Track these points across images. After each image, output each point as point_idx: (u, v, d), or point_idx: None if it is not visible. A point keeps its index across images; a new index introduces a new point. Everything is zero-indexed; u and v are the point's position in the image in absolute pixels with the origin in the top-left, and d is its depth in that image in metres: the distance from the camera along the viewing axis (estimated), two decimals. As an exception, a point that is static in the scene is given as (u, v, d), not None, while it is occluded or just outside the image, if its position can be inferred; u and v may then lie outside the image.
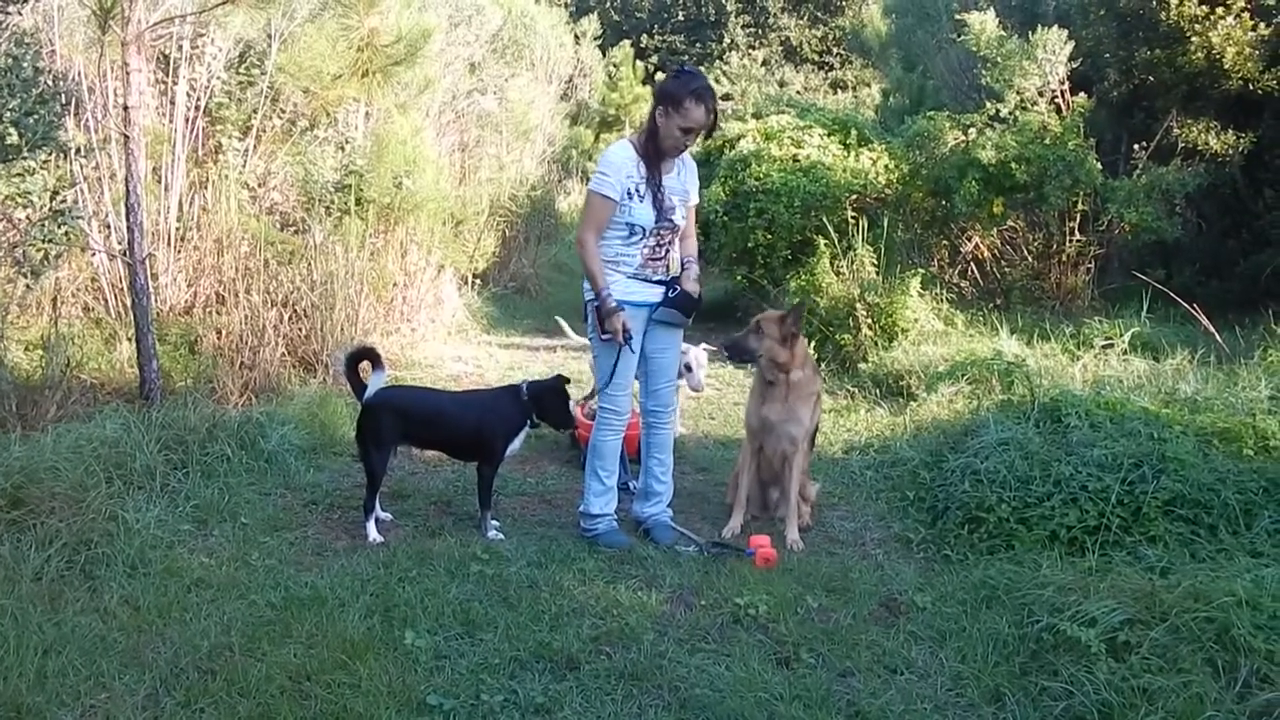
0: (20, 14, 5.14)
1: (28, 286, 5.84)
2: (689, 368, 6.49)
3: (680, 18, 37.80)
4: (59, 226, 5.06)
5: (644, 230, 4.92)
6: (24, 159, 4.68)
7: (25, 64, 4.39)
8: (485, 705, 3.49)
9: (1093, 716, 3.34)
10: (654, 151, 4.90)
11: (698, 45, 37.02)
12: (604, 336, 4.98)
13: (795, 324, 5.33)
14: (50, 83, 4.57)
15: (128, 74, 6.15)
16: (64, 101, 4.83)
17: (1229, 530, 4.60)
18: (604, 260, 4.94)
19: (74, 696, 3.41)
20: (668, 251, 5.14)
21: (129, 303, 6.92)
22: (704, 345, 6.89)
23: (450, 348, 10.59)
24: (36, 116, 4.38)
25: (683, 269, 5.20)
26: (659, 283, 5.08)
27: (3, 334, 6.27)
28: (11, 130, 4.38)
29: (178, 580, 4.38)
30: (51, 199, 5.28)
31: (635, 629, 4.08)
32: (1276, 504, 4.68)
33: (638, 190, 4.87)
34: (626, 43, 30.23)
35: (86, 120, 7.53)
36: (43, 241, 4.94)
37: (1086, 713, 3.36)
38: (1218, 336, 7.19)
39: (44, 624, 3.79)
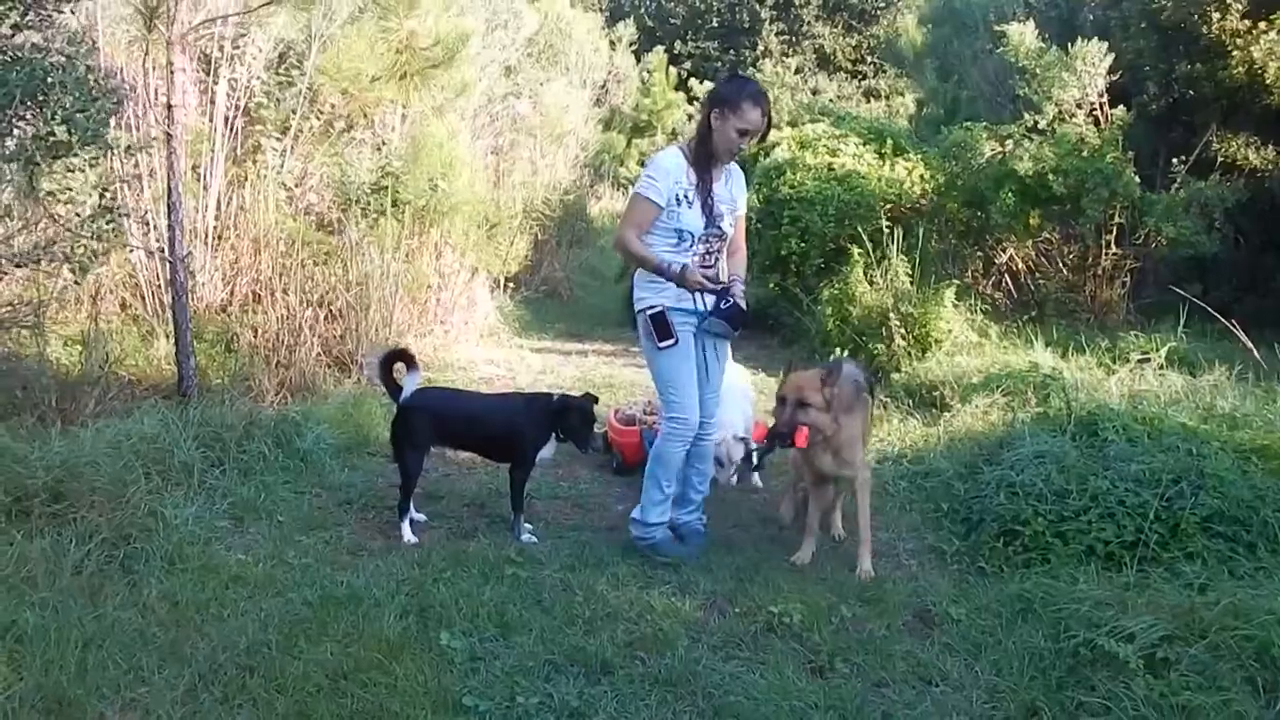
0: (72, 13, 5.20)
1: (76, 282, 5.90)
2: (720, 463, 5.86)
3: (714, 24, 37.81)
4: (108, 223, 5.11)
5: (693, 236, 4.87)
6: (75, 155, 4.73)
7: (78, 62, 4.45)
8: (520, 707, 3.51)
9: (1131, 733, 3.32)
10: (705, 156, 4.88)
11: (731, 52, 37.00)
12: (661, 345, 4.86)
13: (835, 382, 4.99)
14: (100, 81, 4.63)
15: (171, 73, 6.23)
16: (116, 100, 4.87)
17: (1268, 548, 4.56)
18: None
19: (114, 690, 3.44)
20: (717, 260, 5.06)
21: (168, 300, 6.99)
22: (736, 434, 5.96)
23: (482, 350, 10.63)
24: (88, 114, 4.43)
25: (729, 280, 5.10)
26: (710, 292, 4.95)
27: (43, 329, 6.35)
28: (60, 128, 4.45)
29: (215, 577, 4.42)
30: (101, 196, 5.33)
31: (669, 635, 4.09)
32: (1316, 523, 4.64)
33: (686, 196, 4.84)
34: (660, 48, 30.25)
35: (127, 119, 7.60)
36: (92, 238, 4.99)
37: (1124, 729, 3.34)
38: (1255, 352, 7.12)
39: (84, 617, 3.82)
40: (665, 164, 4.86)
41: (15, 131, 4.44)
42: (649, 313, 4.90)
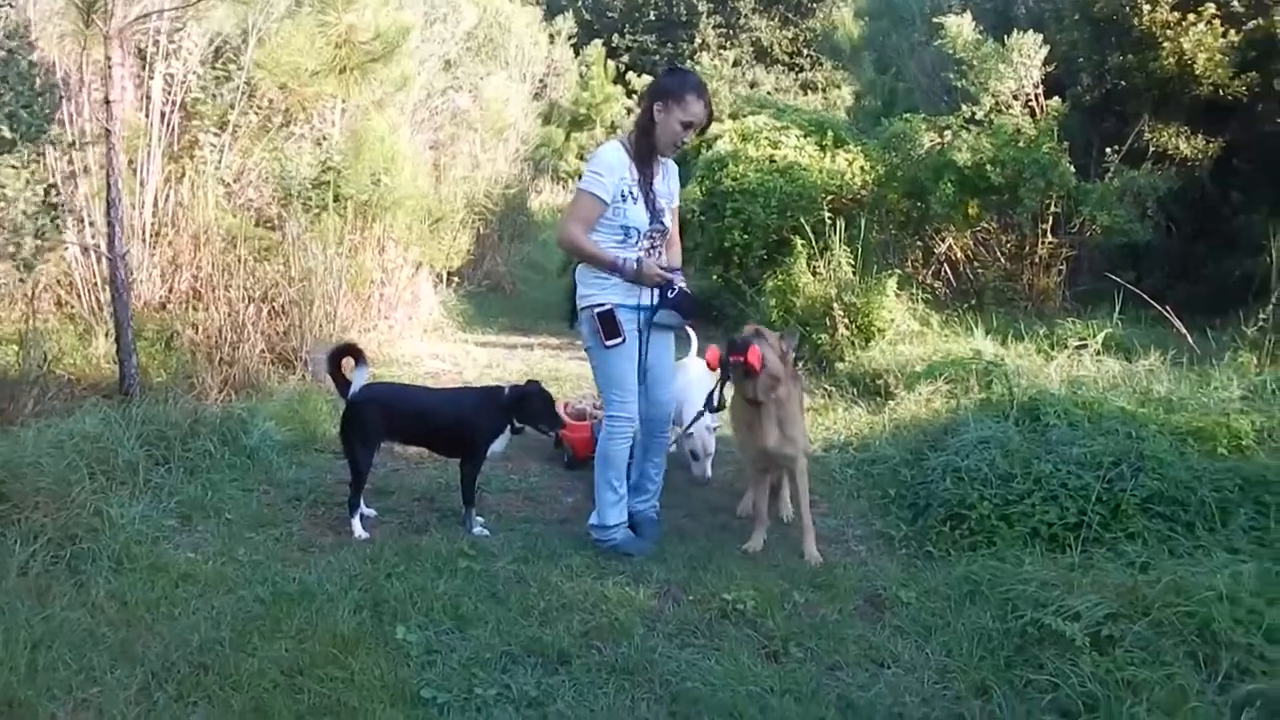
0: (13, 6, 5.10)
1: (21, 279, 5.80)
2: (695, 455, 6.05)
3: (651, 17, 37.93)
4: (51, 220, 5.02)
5: (639, 232, 4.87)
6: (17, 152, 4.64)
7: (19, 57, 4.37)
8: (479, 698, 3.51)
9: (1078, 709, 3.39)
10: (648, 149, 4.88)
11: (669, 45, 37.13)
12: (608, 343, 4.85)
13: (790, 347, 5.13)
14: (42, 76, 4.55)
15: (109, 68, 6.12)
16: (60, 96, 4.79)
17: (1205, 527, 4.66)
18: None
19: (65, 690, 3.40)
20: (660, 254, 5.07)
21: (105, 298, 6.89)
22: (708, 425, 6.00)
23: (427, 345, 10.58)
24: (30, 110, 4.35)
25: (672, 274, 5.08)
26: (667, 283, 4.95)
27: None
28: (3, 124, 4.37)
29: (164, 576, 4.37)
30: (46, 193, 5.23)
31: (625, 624, 4.11)
32: (1251, 501, 4.74)
33: (631, 192, 4.83)
34: (598, 42, 30.24)
35: (61, 115, 7.45)
36: (35, 235, 4.91)
37: (1072, 705, 3.41)
38: (1189, 338, 7.28)
39: (32, 619, 3.77)
40: (609, 159, 4.82)
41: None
42: (597, 310, 4.86)
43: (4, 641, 3.56)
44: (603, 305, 4.86)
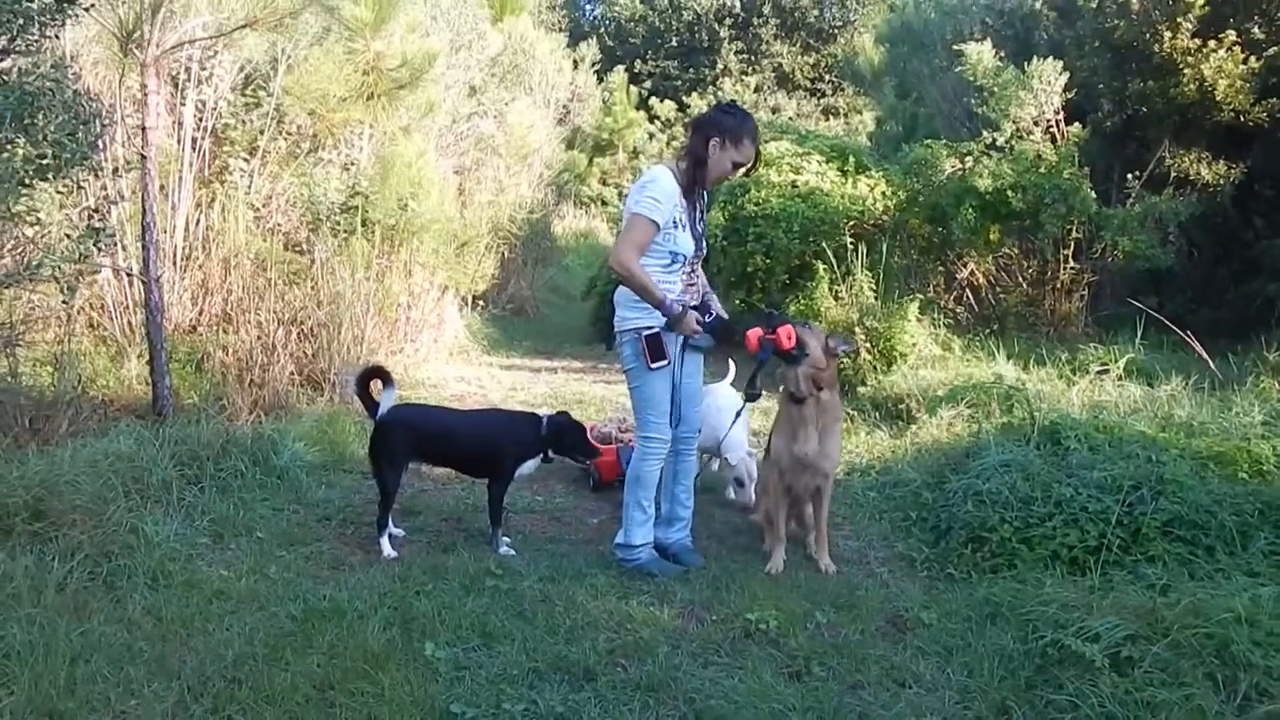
0: (58, 37, 5.25)
1: (65, 302, 5.92)
2: (740, 482, 6.23)
3: (674, 44, 38.14)
4: (95, 244, 5.16)
5: (684, 259, 4.95)
6: (63, 177, 4.79)
7: (65, 86, 4.51)
8: (506, 713, 3.58)
9: (1098, 728, 3.44)
10: (697, 180, 4.95)
11: (691, 71, 37.34)
12: (654, 365, 4.91)
13: (837, 346, 5.28)
14: (86, 104, 4.69)
15: (145, 96, 6.27)
16: (104, 123, 4.93)
17: (1225, 551, 4.69)
18: None
19: (104, 703, 3.47)
20: (699, 278, 5.18)
21: (139, 320, 7.02)
22: (749, 451, 6.30)
23: (453, 368, 10.71)
24: (76, 137, 4.49)
25: (703, 295, 5.21)
26: (693, 308, 4.99)
27: (15, 351, 6.35)
28: (47, 151, 4.50)
29: (198, 592, 4.46)
30: (89, 217, 5.37)
31: (649, 642, 4.17)
32: (1271, 525, 4.78)
33: (680, 220, 4.91)
34: (621, 68, 30.49)
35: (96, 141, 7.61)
36: (79, 259, 5.04)
37: (1092, 725, 3.46)
38: (1210, 363, 7.31)
39: (70, 633, 3.85)
40: (666, 186, 4.85)
41: (4, 154, 4.49)
42: (645, 334, 4.91)
43: (44, 655, 3.64)
44: (650, 328, 4.91)
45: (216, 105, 8.89)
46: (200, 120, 8.76)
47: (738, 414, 5.98)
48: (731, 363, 6.78)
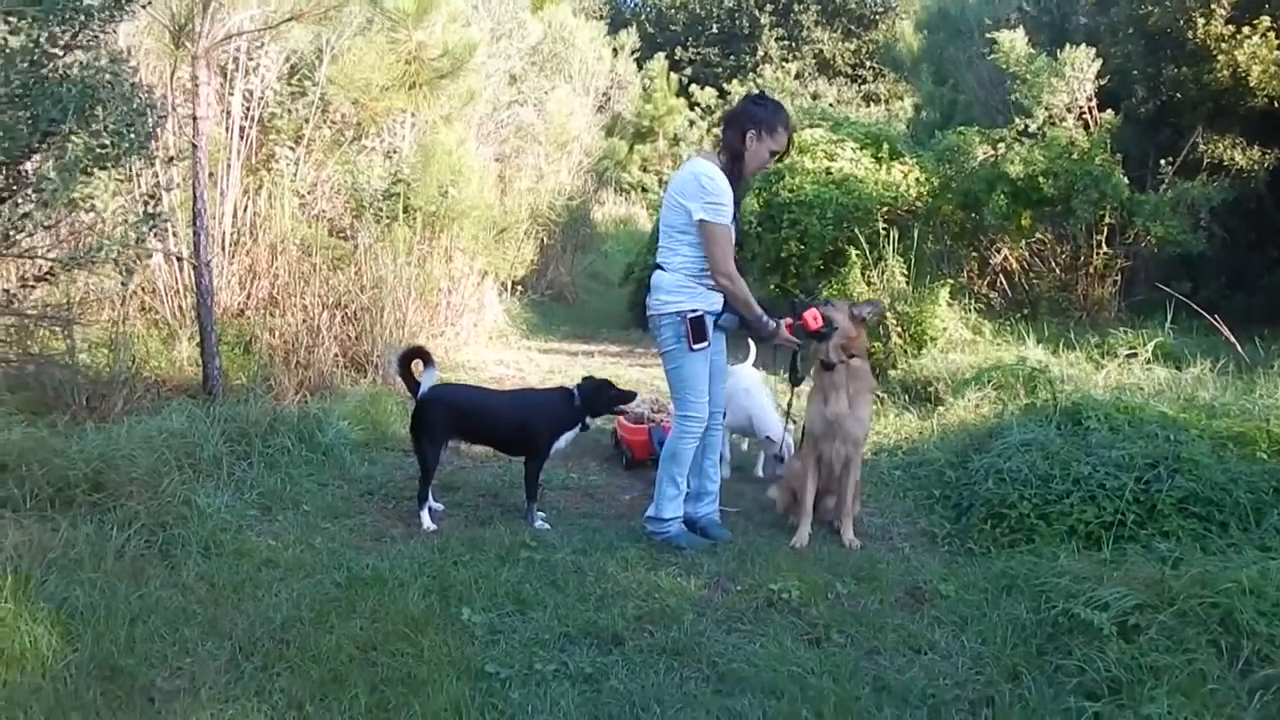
0: (115, 32, 5.49)
1: (123, 284, 6.19)
2: (780, 459, 6.39)
3: (714, 30, 38.10)
4: (150, 229, 5.40)
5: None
6: (120, 165, 5.03)
7: (123, 79, 4.74)
8: (538, 674, 3.77)
9: (1103, 691, 3.57)
10: (737, 173, 5.12)
11: (731, 58, 37.28)
12: (696, 346, 5.07)
13: (863, 312, 5.52)
14: (143, 96, 4.92)
15: (196, 86, 6.51)
16: (161, 115, 5.17)
17: (1239, 527, 4.80)
18: (691, 276, 5.11)
19: (161, 660, 3.71)
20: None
21: (192, 303, 7.27)
22: (786, 428, 6.45)
23: (492, 352, 10.92)
24: (133, 127, 4.72)
25: None
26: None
27: (72, 331, 6.62)
28: (107, 141, 4.74)
29: (248, 560, 4.69)
30: (146, 204, 5.62)
31: (675, 610, 4.35)
32: (1286, 503, 4.89)
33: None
34: (661, 55, 30.53)
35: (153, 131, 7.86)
36: (137, 243, 5.29)
37: (1098, 688, 3.59)
38: (1239, 347, 7.36)
39: (129, 596, 4.09)
40: (721, 184, 5.02)
41: (68, 145, 4.73)
42: (689, 316, 5.09)
43: (105, 616, 3.88)
44: (695, 311, 5.09)
45: (263, 95, 9.13)
46: (248, 109, 9.01)
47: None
48: (751, 344, 6.94)
